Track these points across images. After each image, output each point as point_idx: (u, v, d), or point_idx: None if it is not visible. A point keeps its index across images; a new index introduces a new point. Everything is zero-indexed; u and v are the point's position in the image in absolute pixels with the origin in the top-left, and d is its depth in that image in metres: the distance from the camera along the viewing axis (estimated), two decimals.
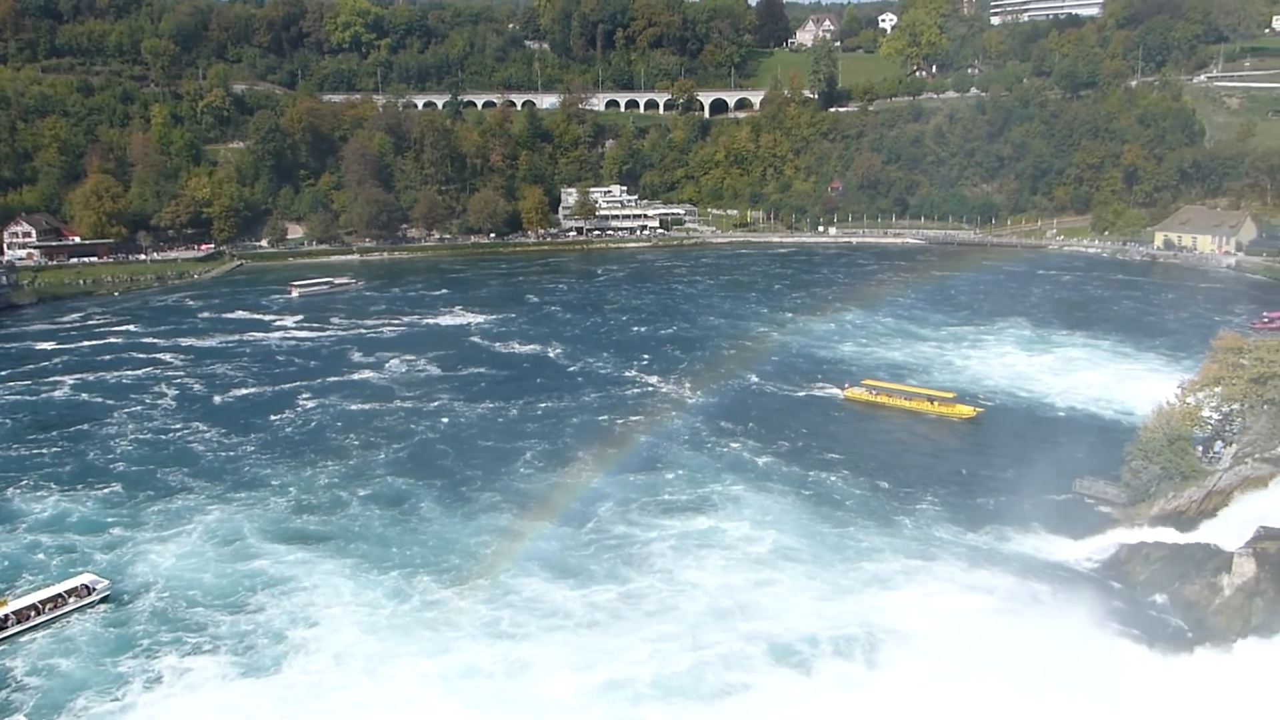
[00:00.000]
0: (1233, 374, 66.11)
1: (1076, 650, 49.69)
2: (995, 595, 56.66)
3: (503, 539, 65.83)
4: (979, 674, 48.06)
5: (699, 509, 69.69)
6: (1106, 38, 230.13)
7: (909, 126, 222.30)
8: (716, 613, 55.97)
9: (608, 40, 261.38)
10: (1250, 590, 50.51)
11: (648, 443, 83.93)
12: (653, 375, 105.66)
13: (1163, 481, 64.14)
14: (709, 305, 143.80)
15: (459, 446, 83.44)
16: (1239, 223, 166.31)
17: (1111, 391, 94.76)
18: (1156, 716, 43.96)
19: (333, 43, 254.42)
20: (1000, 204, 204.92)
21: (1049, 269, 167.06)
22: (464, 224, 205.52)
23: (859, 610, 55.47)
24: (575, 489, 74.00)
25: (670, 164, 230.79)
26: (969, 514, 68.02)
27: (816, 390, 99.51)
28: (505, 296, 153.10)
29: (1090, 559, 61.06)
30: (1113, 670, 47.91)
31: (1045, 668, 47.68)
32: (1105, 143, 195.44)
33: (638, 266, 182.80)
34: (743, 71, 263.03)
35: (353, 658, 52.19)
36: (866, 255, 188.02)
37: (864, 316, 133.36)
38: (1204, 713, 43.72)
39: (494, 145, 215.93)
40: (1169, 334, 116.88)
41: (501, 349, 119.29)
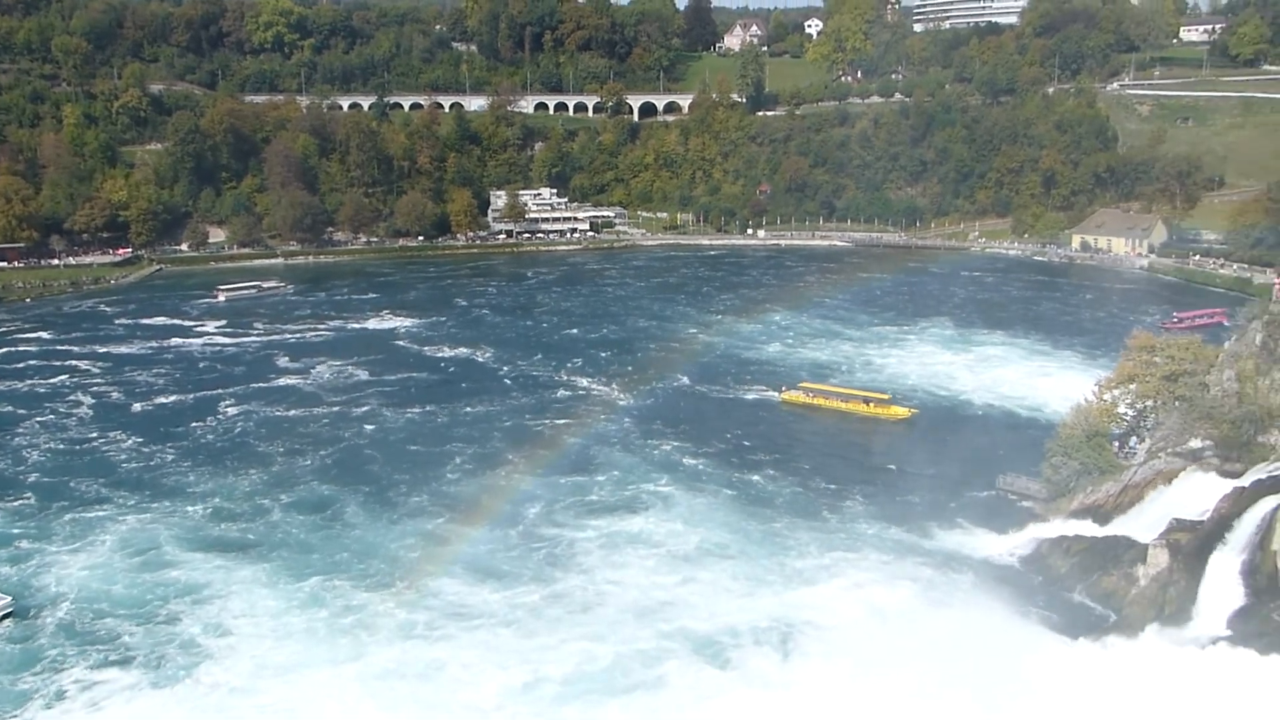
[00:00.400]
0: (1146, 372, 68.21)
1: (997, 642, 50.79)
2: (918, 588, 57.65)
3: (428, 543, 65.11)
4: (899, 666, 48.85)
5: (628, 509, 69.79)
6: (1025, 46, 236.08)
7: (835, 130, 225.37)
8: (640, 610, 56.13)
9: (536, 43, 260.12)
10: (1164, 580, 52.08)
11: (578, 445, 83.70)
12: (583, 378, 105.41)
13: (1081, 477, 65.81)
14: (639, 307, 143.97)
15: (386, 451, 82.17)
16: (1150, 226, 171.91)
17: (1032, 389, 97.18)
18: (1074, 704, 44.96)
19: (254, 43, 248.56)
20: (924, 207, 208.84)
21: (971, 270, 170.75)
22: (391, 227, 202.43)
23: (781, 605, 56.10)
24: (504, 492, 73.52)
25: (600, 167, 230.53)
26: (895, 511, 69.11)
27: (752, 392, 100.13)
28: (434, 300, 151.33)
29: (1012, 553, 62.44)
30: (1032, 661, 48.97)
31: (965, 659, 48.59)
32: (1024, 148, 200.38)
33: (568, 269, 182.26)
34: (671, 75, 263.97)
35: (267, 665, 51.22)
36: (794, 257, 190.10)
37: (791, 318, 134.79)
38: (1120, 699, 44.84)
39: (421, 147, 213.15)
40: (1086, 333, 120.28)
41: (430, 353, 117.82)
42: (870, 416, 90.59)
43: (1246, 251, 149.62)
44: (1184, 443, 59.16)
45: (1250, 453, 55.01)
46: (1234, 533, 49.77)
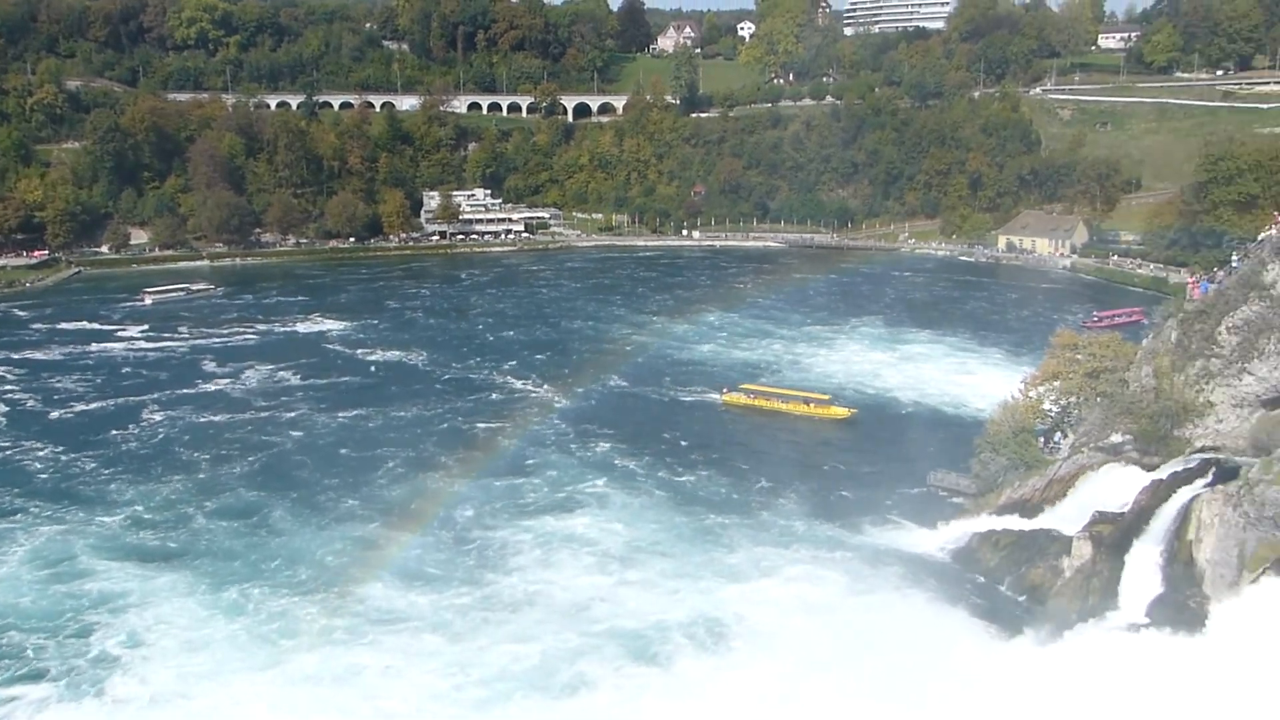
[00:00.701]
0: (1069, 369, 69.75)
1: (927, 635, 51.55)
2: (849, 583, 58.23)
3: (357, 548, 64.06)
4: (829, 661, 49.36)
5: (562, 509, 69.50)
6: (951, 50, 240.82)
7: (768, 132, 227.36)
8: (570, 610, 55.96)
9: (469, 42, 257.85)
10: (1088, 571, 53.37)
11: (513, 447, 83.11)
12: (518, 380, 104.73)
13: (1009, 472, 67.09)
14: (574, 309, 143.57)
15: (315, 456, 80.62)
16: (1073, 227, 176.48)
17: (961, 387, 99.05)
18: (1003, 695, 45.82)
19: (177, 39, 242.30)
20: (856, 208, 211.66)
21: (902, 270, 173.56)
22: (321, 228, 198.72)
23: (712, 601, 56.31)
24: (437, 495, 72.66)
25: (534, 167, 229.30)
26: (828, 508, 69.83)
27: (688, 393, 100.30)
28: (365, 302, 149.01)
29: (943, 548, 63.48)
30: (961, 653, 49.83)
31: (896, 653, 49.26)
32: (952, 150, 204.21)
33: (502, 270, 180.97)
34: (605, 76, 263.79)
35: (181, 675, 49.92)
36: (729, 258, 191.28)
37: (725, 318, 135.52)
38: (1047, 687, 45.81)
39: (352, 147, 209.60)
40: (1013, 331, 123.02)
41: (363, 356, 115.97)
42: (811, 417, 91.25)
43: (1162, 252, 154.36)
44: (1105, 437, 60.58)
45: (1167, 446, 56.53)
46: (1153, 524, 51.15)
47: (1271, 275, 54.99)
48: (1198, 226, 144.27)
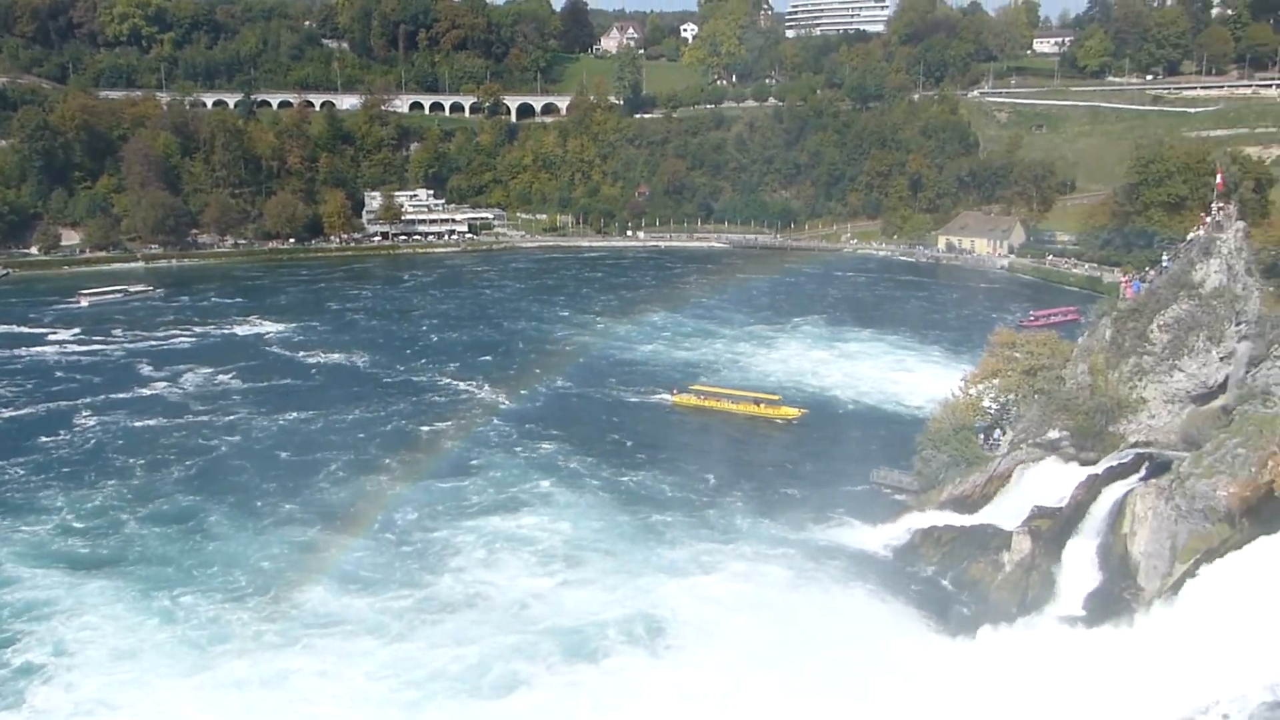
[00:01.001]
0: (1008, 367, 70.96)
1: (869, 631, 51.96)
2: (792, 580, 58.45)
3: (295, 552, 62.99)
4: (770, 657, 49.48)
5: (506, 510, 69.03)
6: (891, 53, 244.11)
7: (711, 134, 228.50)
8: (510, 610, 55.65)
9: (410, 41, 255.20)
10: (1027, 565, 54.26)
11: (457, 449, 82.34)
12: (462, 381, 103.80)
13: (950, 468, 68.03)
14: (519, 309, 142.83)
15: (255, 460, 79.03)
16: (1010, 227, 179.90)
17: (903, 385, 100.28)
18: (944, 690, 46.32)
19: (108, 35, 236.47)
20: (798, 209, 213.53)
21: (845, 270, 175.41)
22: (260, 229, 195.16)
23: (652, 600, 56.30)
24: (379, 498, 71.71)
25: (478, 168, 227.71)
26: (772, 506, 70.09)
27: (632, 393, 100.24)
28: (306, 304, 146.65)
29: (886, 544, 64.10)
30: (903, 648, 50.28)
31: (837, 649, 49.59)
32: (892, 152, 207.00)
33: (446, 271, 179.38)
34: (549, 76, 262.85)
35: (108, 684, 48.65)
36: (674, 259, 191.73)
37: (669, 318, 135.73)
38: (987, 681, 46.40)
39: (291, 147, 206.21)
40: (953, 330, 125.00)
41: (303, 358, 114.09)
42: (761, 417, 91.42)
43: (1096, 252, 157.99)
44: (1043, 434, 61.76)
45: (1103, 442, 57.80)
46: (1089, 518, 52.21)
47: (1200, 275, 56.57)
48: (1130, 227, 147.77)
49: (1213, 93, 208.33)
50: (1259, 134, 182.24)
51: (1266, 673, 40.30)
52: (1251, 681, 40.42)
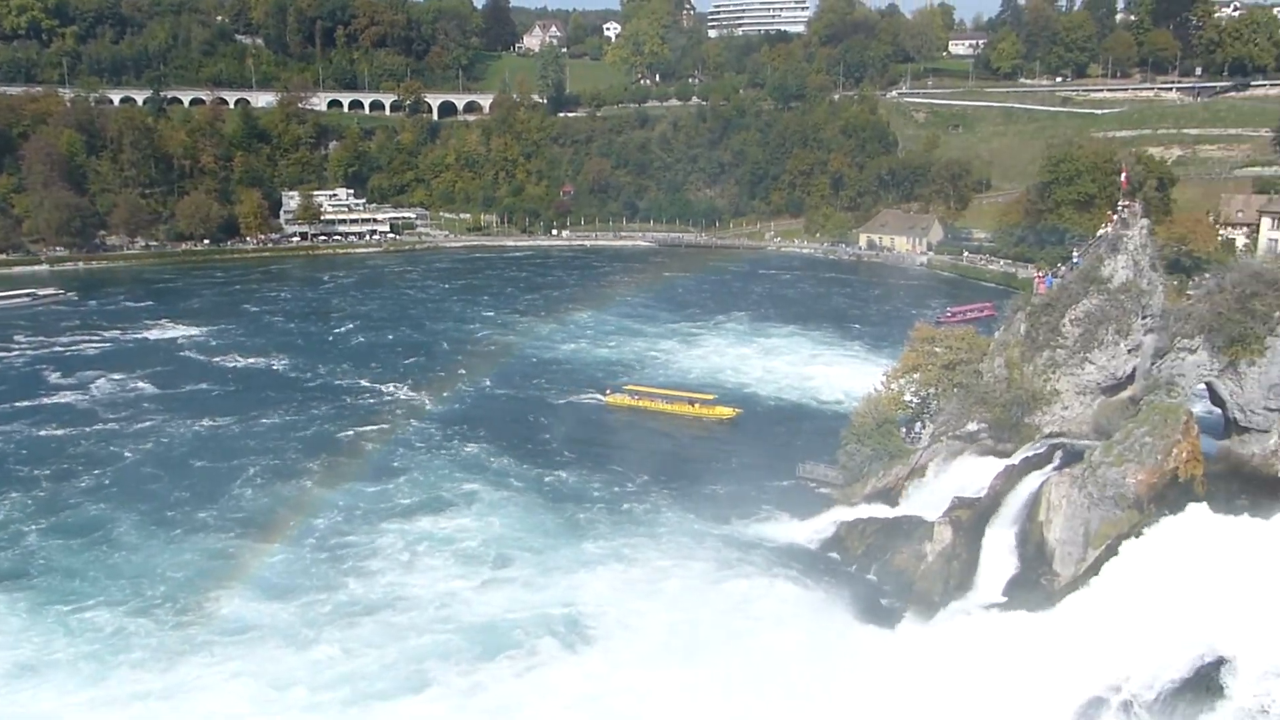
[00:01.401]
0: (928, 362, 72.22)
1: (793, 623, 52.43)
2: (718, 575, 58.76)
3: (209, 560, 61.39)
4: (693, 650, 49.78)
5: (429, 511, 68.28)
6: (812, 54, 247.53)
7: (636, 133, 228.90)
8: (429, 610, 55.17)
9: (328, 38, 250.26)
10: (949, 555, 55.33)
11: (381, 451, 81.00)
12: (385, 383, 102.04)
13: (874, 462, 69.01)
14: (443, 310, 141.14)
15: (169, 468, 76.57)
16: (929, 225, 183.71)
17: (827, 380, 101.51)
18: (872, 678, 46.95)
19: (5, 28, 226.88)
20: (723, 208, 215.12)
21: (769, 268, 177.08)
22: (173, 230, 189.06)
23: (573, 594, 56.42)
24: (299, 502, 70.14)
25: (399, 167, 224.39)
26: (698, 502, 70.21)
27: (560, 393, 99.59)
28: (221, 307, 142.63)
29: (812, 538, 64.76)
30: (830, 639, 50.84)
31: (761, 640, 50.01)
32: (814, 151, 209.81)
33: (367, 272, 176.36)
34: (471, 74, 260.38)
35: (1, 701, 47.00)
36: (600, 258, 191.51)
37: (593, 317, 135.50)
38: (913, 668, 47.21)
39: (204, 145, 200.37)
40: (875, 325, 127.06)
41: (219, 363, 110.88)
42: (696, 417, 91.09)
43: (1011, 249, 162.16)
44: (962, 426, 63.04)
45: (1019, 433, 59.24)
46: (1006, 507, 53.50)
47: (1108, 270, 58.27)
48: (1042, 224, 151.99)
49: (1118, 95, 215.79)
50: (1160, 135, 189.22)
51: (1173, 650, 41.79)
52: (1160, 659, 41.87)
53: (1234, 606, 41.75)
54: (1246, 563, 43.31)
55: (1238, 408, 50.83)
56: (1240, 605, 41.70)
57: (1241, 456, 51.22)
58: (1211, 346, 50.85)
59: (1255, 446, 50.98)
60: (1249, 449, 51.14)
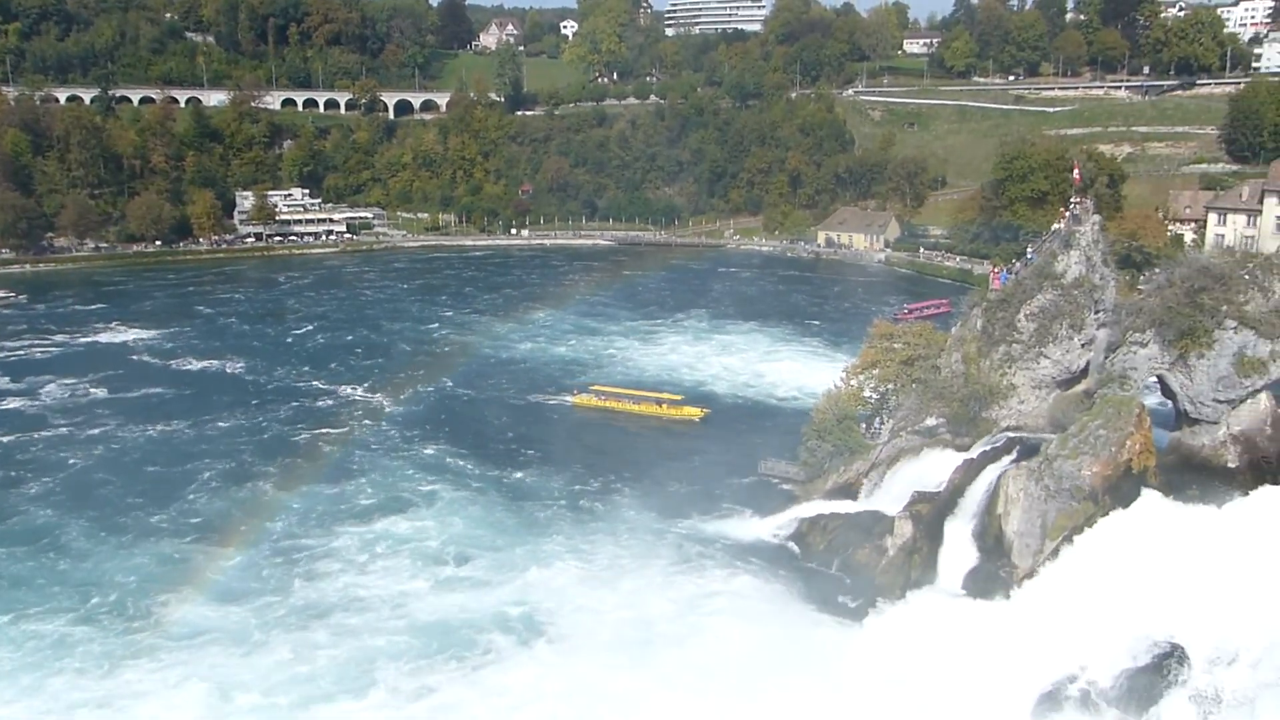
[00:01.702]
0: (887, 357, 72.85)
1: (758, 619, 52.64)
2: (680, 573, 58.93)
3: (160, 566, 60.48)
4: (650, 648, 49.90)
5: (387, 512, 67.85)
6: (768, 52, 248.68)
7: (594, 131, 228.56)
8: (383, 611, 54.88)
9: (280, 35, 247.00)
10: (909, 548, 55.87)
11: (338, 453, 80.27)
12: (343, 385, 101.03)
13: (834, 458, 69.45)
14: (401, 311, 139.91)
15: (122, 474, 75.22)
16: (886, 223, 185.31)
17: (786, 377, 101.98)
18: (835, 673, 47.23)
19: None
20: (682, 206, 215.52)
21: (729, 266, 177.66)
22: (124, 231, 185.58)
23: (529, 592, 56.45)
24: (255, 505, 69.34)
25: (355, 166, 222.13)
26: (661, 500, 70.25)
27: (519, 393, 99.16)
28: (174, 309, 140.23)
29: (775, 533, 65.05)
30: (792, 633, 51.12)
31: (719, 634, 50.21)
32: (772, 149, 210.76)
33: (324, 273, 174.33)
34: (427, 73, 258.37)
35: None
36: (560, 257, 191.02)
37: (553, 316, 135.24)
38: (876, 660, 47.56)
39: (155, 145, 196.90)
40: (834, 321, 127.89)
41: (173, 366, 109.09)
42: (664, 417, 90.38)
43: (966, 245, 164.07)
44: (921, 421, 63.62)
45: (977, 427, 59.90)
46: (965, 500, 54.08)
47: (1061, 266, 59.12)
48: (997, 221, 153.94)
49: (1069, 93, 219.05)
50: (1111, 132, 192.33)
51: (1129, 638, 42.54)
52: (1116, 647, 42.58)
53: (1187, 595, 42.55)
54: (1198, 551, 44.14)
55: (1188, 400, 51.80)
56: (1192, 593, 42.51)
57: (1192, 447, 52.21)
58: (1162, 340, 51.75)
59: (1205, 438, 52.00)
60: (1199, 440, 52.15)
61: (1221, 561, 43.38)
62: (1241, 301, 50.24)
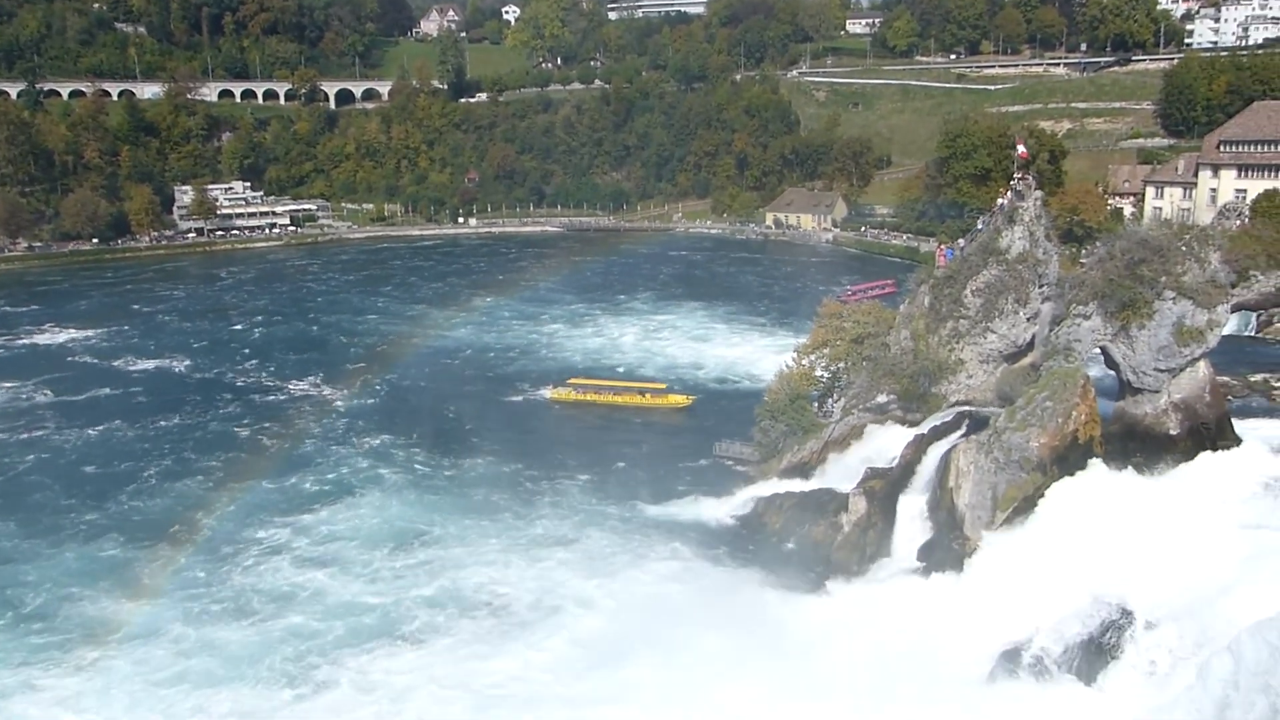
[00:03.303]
0: (837, 336, 73.23)
1: (710, 596, 52.70)
2: (635, 555, 58.83)
3: (91, 566, 59.08)
4: (598, 629, 49.99)
5: (328, 504, 67.09)
6: (712, 35, 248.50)
7: (539, 117, 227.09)
8: (319, 602, 54.27)
9: (215, 25, 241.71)
10: (864, 524, 56.32)
11: (281, 448, 79.01)
12: (286, 380, 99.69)
13: (788, 437, 69.69)
14: (348, 303, 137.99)
15: (55, 476, 73.34)
16: (833, 203, 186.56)
17: (737, 358, 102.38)
18: (794, 647, 47.46)
19: None
20: (630, 190, 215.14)
21: (678, 249, 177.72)
22: (58, 229, 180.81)
23: (472, 579, 56.14)
24: (197, 504, 67.88)
25: (297, 157, 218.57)
26: (614, 484, 70.16)
27: (467, 383, 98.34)
28: (111, 308, 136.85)
29: (731, 515, 65.24)
30: (751, 611, 51.29)
31: (676, 610, 50.24)
32: (718, 132, 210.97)
33: (267, 267, 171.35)
34: (367, 61, 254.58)
35: None
36: (509, 244, 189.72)
37: (496, 303, 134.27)
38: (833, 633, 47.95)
39: (88, 140, 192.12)
40: (783, 302, 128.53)
41: (113, 366, 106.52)
42: (647, 407, 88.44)
43: (912, 223, 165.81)
44: (872, 398, 64.06)
45: (926, 403, 60.47)
46: (917, 476, 54.64)
47: (1005, 241, 59.75)
48: (942, 199, 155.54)
49: (1009, 71, 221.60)
50: (1051, 109, 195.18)
51: (1078, 605, 43.35)
52: (1066, 613, 43.36)
53: (1132, 560, 43.42)
54: (1143, 518, 45.07)
55: (1130, 370, 52.68)
56: (1137, 559, 43.39)
57: (1135, 416, 53.14)
58: (1104, 312, 52.52)
59: (1147, 406, 52.94)
60: (1142, 409, 53.09)
61: (1165, 526, 44.33)
62: (1179, 273, 51.12)
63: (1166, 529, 44.30)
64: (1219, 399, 53.65)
